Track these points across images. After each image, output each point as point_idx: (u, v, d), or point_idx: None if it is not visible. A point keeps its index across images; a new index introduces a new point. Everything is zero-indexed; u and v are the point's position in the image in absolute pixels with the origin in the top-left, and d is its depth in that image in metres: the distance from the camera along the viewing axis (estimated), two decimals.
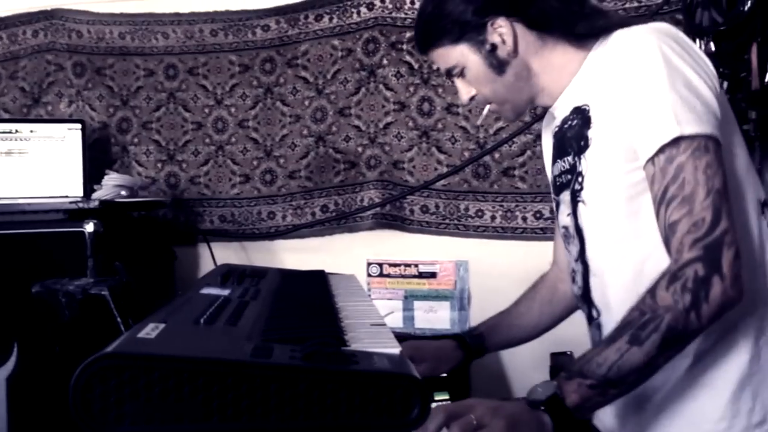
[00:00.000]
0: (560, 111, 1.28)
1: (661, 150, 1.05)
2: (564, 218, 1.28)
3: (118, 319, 1.17)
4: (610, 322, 1.20)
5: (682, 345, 1.02)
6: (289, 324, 1.02)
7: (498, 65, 1.24)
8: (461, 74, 1.28)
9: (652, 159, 1.07)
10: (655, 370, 1.03)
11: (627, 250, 1.17)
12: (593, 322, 1.27)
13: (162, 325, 0.90)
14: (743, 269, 1.01)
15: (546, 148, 1.42)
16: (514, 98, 1.29)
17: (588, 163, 1.19)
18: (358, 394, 0.80)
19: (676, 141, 1.04)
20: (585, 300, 1.27)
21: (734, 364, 1.12)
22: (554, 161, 1.31)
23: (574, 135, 1.22)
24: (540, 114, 2.32)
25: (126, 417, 0.76)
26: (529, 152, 2.38)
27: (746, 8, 1.75)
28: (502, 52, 1.23)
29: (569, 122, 1.25)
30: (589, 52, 1.24)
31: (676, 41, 1.11)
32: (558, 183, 1.29)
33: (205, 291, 1.24)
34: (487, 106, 1.32)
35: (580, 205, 1.22)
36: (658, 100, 1.07)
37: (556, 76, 1.26)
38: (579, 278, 1.27)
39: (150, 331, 0.87)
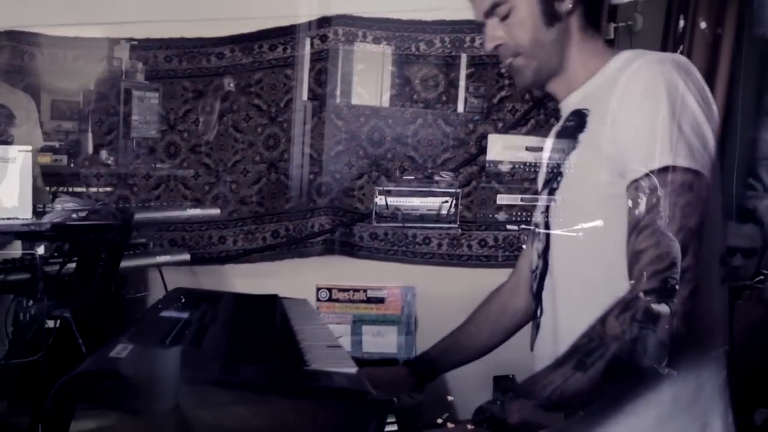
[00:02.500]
0: (565, 111, 1.27)
1: (648, 175, 1.05)
2: (537, 215, 1.30)
3: (80, 341, 1.20)
4: (548, 323, 1.24)
5: (629, 374, 1.04)
6: (250, 345, 1.07)
7: (550, 15, 1.19)
8: (506, 15, 1.21)
9: (637, 182, 1.06)
10: (602, 395, 1.05)
11: (588, 259, 1.17)
12: (535, 320, 1.30)
13: (130, 346, 0.95)
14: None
15: (545, 150, 1.38)
16: (544, 59, 1.23)
17: (570, 164, 1.19)
18: (320, 410, 0.86)
19: (665, 170, 1.04)
20: (535, 297, 1.29)
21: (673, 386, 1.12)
22: (548, 161, 1.30)
23: (567, 135, 1.22)
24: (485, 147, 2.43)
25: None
26: (474, 182, 2.48)
27: None
28: (560, 6, 1.20)
29: (567, 123, 1.25)
30: (610, 59, 1.21)
31: (689, 75, 1.11)
32: (544, 181, 1.30)
33: (165, 314, 1.28)
34: (510, 59, 1.24)
35: (552, 203, 1.23)
36: (658, 127, 1.06)
37: (580, 67, 1.23)
38: (538, 274, 1.28)
39: (120, 350, 0.92)
